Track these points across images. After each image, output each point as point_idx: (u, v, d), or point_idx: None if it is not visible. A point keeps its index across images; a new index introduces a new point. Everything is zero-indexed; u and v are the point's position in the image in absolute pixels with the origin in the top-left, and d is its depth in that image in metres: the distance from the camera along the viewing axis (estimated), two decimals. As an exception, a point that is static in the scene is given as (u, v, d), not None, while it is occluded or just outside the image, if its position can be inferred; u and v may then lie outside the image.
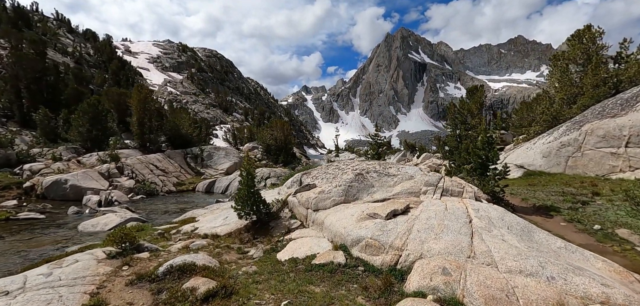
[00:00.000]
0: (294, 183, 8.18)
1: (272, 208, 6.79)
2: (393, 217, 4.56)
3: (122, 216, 11.08)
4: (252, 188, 6.16)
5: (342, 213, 5.19)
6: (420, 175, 6.24)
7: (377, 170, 6.60)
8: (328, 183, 6.91)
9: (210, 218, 7.59)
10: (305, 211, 6.27)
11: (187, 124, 27.37)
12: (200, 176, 22.33)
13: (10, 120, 29.36)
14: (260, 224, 6.32)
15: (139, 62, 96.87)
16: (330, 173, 7.48)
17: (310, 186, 6.86)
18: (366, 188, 6.11)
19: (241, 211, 6.12)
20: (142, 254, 4.88)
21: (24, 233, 9.73)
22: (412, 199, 5.39)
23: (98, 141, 23.11)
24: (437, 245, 4.01)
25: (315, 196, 6.06)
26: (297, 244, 4.91)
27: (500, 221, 4.54)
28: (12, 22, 52.90)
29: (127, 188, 16.69)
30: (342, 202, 5.84)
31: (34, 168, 16.94)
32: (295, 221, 6.33)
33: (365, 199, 5.83)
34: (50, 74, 32.77)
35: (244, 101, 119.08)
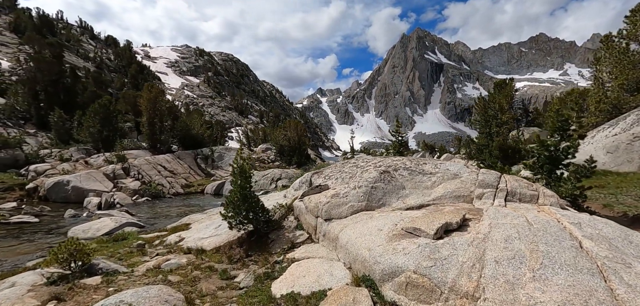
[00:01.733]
0: (303, 184, 6.81)
1: (273, 216, 5.44)
2: (445, 234, 3.08)
3: (117, 221, 10.04)
4: (246, 189, 4.84)
5: (364, 225, 3.70)
6: (468, 172, 4.69)
7: (408, 167, 5.10)
8: (344, 184, 5.50)
9: (204, 225, 6.34)
10: (314, 220, 4.89)
11: (198, 125, 26.60)
12: (210, 177, 21.36)
13: (28, 122, 29.59)
14: (257, 236, 4.97)
15: (157, 67, 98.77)
16: (347, 171, 6.04)
17: (322, 188, 5.46)
18: (395, 190, 4.63)
19: (232, 220, 4.79)
20: (91, 279, 3.67)
21: (9, 239, 8.81)
22: (463, 205, 3.89)
23: (109, 141, 22.60)
24: (545, 294, 2.30)
25: (327, 200, 4.62)
26: (301, 270, 3.48)
27: (628, 245, 2.79)
28: (37, 29, 54.47)
29: (131, 190, 15.82)
30: (362, 209, 4.38)
31: (39, 169, 16.37)
32: (301, 233, 4.93)
33: (395, 205, 4.34)
34: (67, 77, 32.99)
35: (259, 104, 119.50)
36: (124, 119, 31.32)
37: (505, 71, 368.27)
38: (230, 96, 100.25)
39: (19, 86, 31.10)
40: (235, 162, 4.88)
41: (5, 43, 47.33)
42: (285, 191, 8.34)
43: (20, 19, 54.68)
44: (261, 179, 17.37)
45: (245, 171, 4.86)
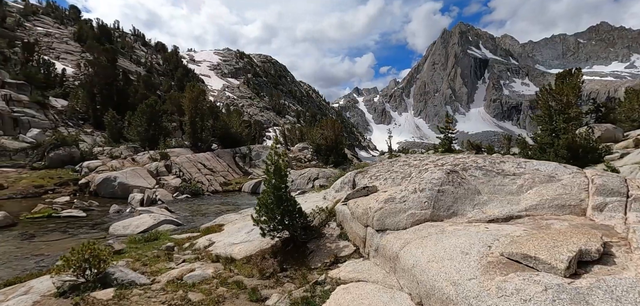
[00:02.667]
0: (345, 184, 6.00)
1: (312, 221, 4.69)
2: (580, 268, 1.93)
3: (155, 218, 9.98)
4: (282, 190, 4.14)
5: (437, 243, 2.74)
6: (569, 174, 3.52)
7: (481, 166, 4.02)
8: (395, 185, 4.58)
9: (236, 228, 5.79)
10: (363, 230, 3.98)
11: (237, 124, 26.91)
12: (248, 175, 21.34)
13: (86, 122, 32.12)
14: (293, 246, 4.24)
15: (201, 70, 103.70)
16: (398, 170, 5.11)
17: (369, 190, 4.59)
18: (468, 195, 3.60)
19: (265, 226, 4.11)
20: (103, 292, 3.19)
21: (57, 232, 9.05)
22: (577, 220, 2.80)
23: (155, 140, 23.59)
24: None
25: (379, 206, 3.72)
26: (351, 299, 2.62)
27: None
28: (97, 38, 59.56)
29: (172, 187, 16.10)
30: (427, 218, 3.43)
31: (92, 165, 17.28)
32: (346, 244, 4.10)
33: (471, 215, 3.34)
34: (120, 80, 35.41)
35: (296, 104, 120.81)
36: (169, 119, 32.85)
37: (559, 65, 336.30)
38: (268, 97, 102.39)
39: (79, 89, 33.90)
40: (269, 158, 4.20)
41: (70, 51, 52.29)
42: (324, 191, 7.60)
43: (83, 29, 60.18)
44: (298, 179, 16.86)
45: (281, 169, 4.16)
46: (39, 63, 36.76)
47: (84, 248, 3.33)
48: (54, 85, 35.55)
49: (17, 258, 6.73)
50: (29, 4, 63.39)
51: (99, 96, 31.88)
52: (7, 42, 40.25)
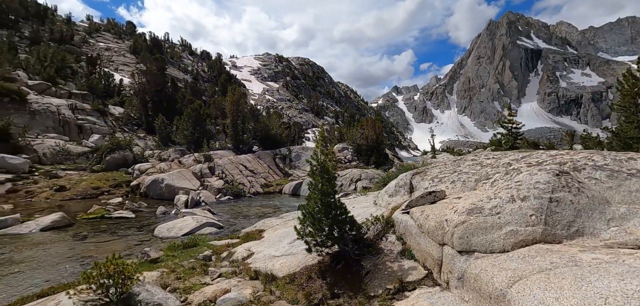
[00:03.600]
0: (401, 188, 5.15)
1: (365, 232, 3.93)
2: None
3: (198, 221, 9.90)
4: (330, 196, 3.44)
5: (580, 284, 1.74)
6: None
7: (602, 165, 2.95)
8: (467, 189, 3.66)
9: (277, 235, 5.23)
10: (437, 248, 3.10)
11: (276, 125, 26.93)
12: (288, 177, 21.09)
13: (139, 128, 34.46)
14: (344, 263, 3.50)
15: (242, 75, 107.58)
16: (467, 171, 4.17)
17: (437, 196, 3.73)
18: (595, 206, 2.57)
19: (311, 240, 3.44)
20: None
21: (107, 234, 9.27)
22: None
23: (199, 142, 24.39)
24: None
25: (461, 218, 2.82)
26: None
27: None
28: (149, 49, 64.24)
29: (215, 189, 16.26)
30: (537, 239, 2.49)
31: (142, 167, 18.09)
32: (412, 265, 3.25)
33: (607, 234, 2.34)
34: (169, 87, 37.53)
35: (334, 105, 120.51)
36: (213, 122, 34.08)
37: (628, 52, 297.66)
38: (306, 98, 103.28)
39: (133, 97, 36.48)
40: (314, 158, 3.54)
41: (126, 63, 56.90)
42: (373, 195, 6.79)
43: (138, 42, 65.27)
44: (340, 180, 16.16)
45: (328, 170, 3.47)
46: (100, 75, 40.28)
47: (107, 263, 2.95)
48: (112, 94, 38.71)
49: (67, 260, 6.82)
50: (92, 23, 70.23)
51: (150, 102, 34.00)
52: (74, 57, 44.74)
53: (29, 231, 8.85)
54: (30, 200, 13.55)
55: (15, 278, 5.70)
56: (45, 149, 19.23)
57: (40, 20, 53.60)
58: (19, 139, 18.13)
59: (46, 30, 50.88)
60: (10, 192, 13.65)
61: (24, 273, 5.96)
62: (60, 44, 48.42)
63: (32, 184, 14.75)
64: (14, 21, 48.11)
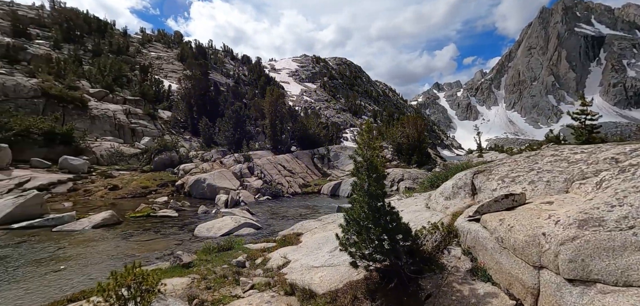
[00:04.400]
0: (460, 189, 4.37)
1: (423, 243, 3.25)
2: None
3: (237, 221, 9.78)
4: (379, 198, 2.82)
5: None
6: None
7: None
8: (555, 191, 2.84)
9: (316, 241, 4.72)
10: (531, 273, 2.29)
11: (314, 124, 26.65)
12: (326, 177, 20.65)
13: (186, 130, 36.34)
14: (397, 281, 2.87)
15: (281, 77, 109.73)
16: (550, 169, 3.30)
17: (516, 200, 2.95)
18: None
19: (356, 251, 2.85)
20: None
21: (151, 232, 9.49)
22: None
23: (240, 143, 24.92)
24: None
25: (571, 233, 1.97)
26: None
27: None
28: (194, 56, 67.90)
29: (254, 188, 16.29)
30: None
31: (186, 168, 18.74)
32: (490, 290, 2.51)
33: None
34: (212, 91, 39.11)
35: (372, 104, 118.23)
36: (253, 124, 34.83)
37: None
38: (344, 98, 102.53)
39: (180, 101, 38.56)
40: (359, 152, 2.95)
41: (174, 70, 60.59)
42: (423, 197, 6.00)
43: (184, 50, 69.32)
44: (380, 180, 15.37)
45: (376, 168, 2.86)
46: (151, 82, 43.30)
47: (126, 273, 2.64)
48: (162, 99, 41.33)
49: (111, 258, 6.93)
50: (145, 34, 75.98)
51: (195, 106, 35.68)
52: (129, 66, 48.61)
53: (82, 228, 9.31)
54: (87, 198, 14.56)
55: (59, 276, 5.83)
56: (103, 151, 20.77)
57: (101, 34, 59.05)
58: (80, 142, 19.73)
59: (106, 43, 55.91)
60: (71, 191, 14.78)
61: (68, 272, 6.09)
62: (118, 55, 52.90)
63: (90, 184, 15.88)
64: (79, 36, 53.50)
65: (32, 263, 6.50)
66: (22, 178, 14.32)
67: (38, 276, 5.83)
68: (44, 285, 5.37)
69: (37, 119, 17.98)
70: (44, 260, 6.66)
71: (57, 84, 26.20)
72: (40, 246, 7.60)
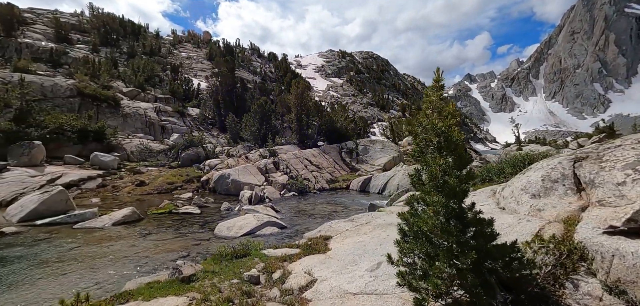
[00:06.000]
0: (556, 182, 3.11)
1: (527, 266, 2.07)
2: None
3: (259, 219, 8.98)
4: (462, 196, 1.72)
5: None
6: None
7: None
8: None
9: (348, 250, 3.69)
10: None
11: (342, 118, 25.53)
12: (355, 172, 19.51)
13: (213, 127, 36.63)
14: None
15: (307, 73, 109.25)
16: None
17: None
18: None
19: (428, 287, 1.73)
20: None
21: (170, 230, 8.93)
22: None
23: (265, 138, 24.40)
24: None
25: None
26: None
27: None
28: (222, 54, 69.00)
29: (280, 184, 15.53)
30: None
31: (212, 163, 18.39)
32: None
33: None
34: (239, 87, 39.14)
35: (400, 97, 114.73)
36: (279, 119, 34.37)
37: None
38: (371, 92, 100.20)
39: (208, 98, 38.96)
40: (424, 121, 1.87)
41: (203, 69, 61.83)
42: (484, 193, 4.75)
43: (213, 49, 70.65)
44: (416, 175, 13.99)
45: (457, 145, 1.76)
46: (181, 80, 44.26)
47: None
48: (191, 97, 42.10)
49: (124, 259, 6.34)
50: (175, 36, 78.37)
51: (222, 102, 35.82)
52: (161, 67, 50.11)
53: (102, 225, 8.93)
54: (115, 194, 14.53)
55: (65, 278, 5.28)
56: (133, 148, 21.02)
57: (135, 37, 61.48)
58: (111, 139, 20.04)
59: (139, 46, 58.08)
60: (100, 187, 14.82)
61: (77, 273, 5.54)
62: (151, 56, 54.80)
63: (118, 180, 15.90)
64: (115, 40, 55.99)
65: (42, 263, 6.03)
66: (54, 174, 14.53)
67: (45, 277, 5.31)
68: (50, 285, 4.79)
69: (71, 117, 18.37)
70: (53, 260, 6.18)
71: (92, 84, 27.12)
72: (56, 245, 7.21)
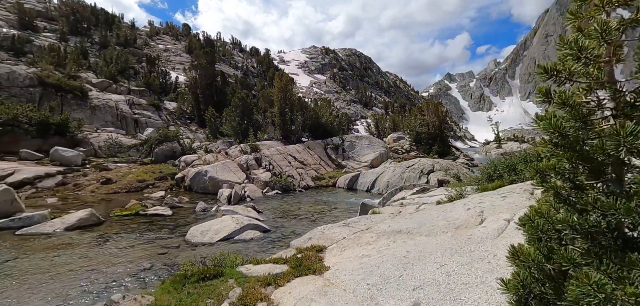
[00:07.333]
0: None
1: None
2: None
3: (239, 222, 7.97)
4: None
5: None
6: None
7: None
8: None
9: (354, 272, 2.81)
10: None
11: (327, 113, 24.68)
12: (341, 168, 18.73)
13: (192, 122, 34.86)
14: None
15: (290, 69, 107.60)
16: None
17: None
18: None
19: None
20: None
21: (135, 234, 7.78)
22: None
23: (247, 133, 23.21)
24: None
25: None
26: None
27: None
28: (202, 47, 66.49)
29: (262, 182, 14.50)
30: None
31: (188, 159, 17.10)
32: None
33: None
34: (219, 81, 37.44)
35: (383, 95, 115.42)
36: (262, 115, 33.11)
37: None
38: (354, 90, 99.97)
39: (186, 91, 37.08)
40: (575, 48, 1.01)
41: (182, 62, 59.26)
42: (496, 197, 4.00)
43: (192, 42, 67.89)
44: (406, 172, 13.27)
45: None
46: (158, 73, 42.00)
47: None
48: (168, 90, 40.02)
49: (70, 274, 5.21)
50: (153, 27, 74.81)
51: (201, 96, 34.11)
52: (136, 58, 47.42)
53: (52, 230, 7.67)
54: (77, 193, 13.05)
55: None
56: (101, 143, 19.33)
57: (109, 26, 58.03)
58: (76, 133, 18.30)
59: (113, 36, 54.85)
60: (60, 185, 13.28)
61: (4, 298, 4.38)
62: (125, 47, 51.85)
63: (81, 177, 14.37)
64: (86, 29, 52.53)
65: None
66: (5, 170, 12.88)
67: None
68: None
69: (27, 107, 16.52)
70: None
71: (56, 73, 24.91)
72: (-11, 256, 5.95)
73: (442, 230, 3.43)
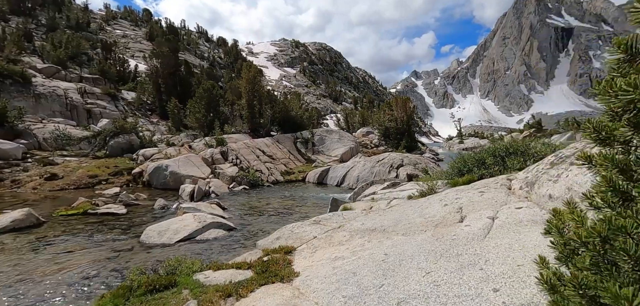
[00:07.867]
0: None
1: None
2: None
3: (201, 220, 7.41)
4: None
5: None
6: None
7: None
8: None
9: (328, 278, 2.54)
10: None
11: (296, 107, 24.24)
12: (311, 163, 18.47)
13: (153, 113, 32.75)
14: None
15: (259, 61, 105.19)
16: None
17: None
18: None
19: None
20: None
21: (82, 236, 6.97)
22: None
23: (212, 125, 22.16)
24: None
25: None
26: None
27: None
28: (165, 35, 62.79)
29: (228, 177, 13.83)
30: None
31: (147, 153, 15.95)
32: None
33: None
34: (182, 70, 35.45)
35: (352, 90, 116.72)
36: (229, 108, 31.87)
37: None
38: (324, 84, 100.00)
39: (146, 81, 34.75)
40: None
41: (142, 50, 55.58)
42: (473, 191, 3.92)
43: (154, 29, 63.87)
44: (376, 167, 13.28)
45: None
46: (115, 60, 38.91)
47: None
48: (126, 79, 37.23)
49: (-6, 286, 4.44)
50: (109, 11, 69.42)
51: (163, 86, 32.12)
52: (90, 44, 43.59)
53: (-21, 233, 6.64)
54: (15, 190, 11.61)
55: None
56: (46, 134, 17.46)
57: (58, 7, 52.84)
58: (16, 123, 16.36)
59: (63, 18, 50.06)
60: (-7, 181, 11.74)
61: None
62: (77, 30, 47.47)
63: (21, 173, 12.84)
64: (30, 8, 47.38)
65: None
66: None
67: None
68: None
69: (-48, 93, 14.43)
70: None
71: (-9, 55, 22.14)
72: None
73: (420, 229, 3.25)
